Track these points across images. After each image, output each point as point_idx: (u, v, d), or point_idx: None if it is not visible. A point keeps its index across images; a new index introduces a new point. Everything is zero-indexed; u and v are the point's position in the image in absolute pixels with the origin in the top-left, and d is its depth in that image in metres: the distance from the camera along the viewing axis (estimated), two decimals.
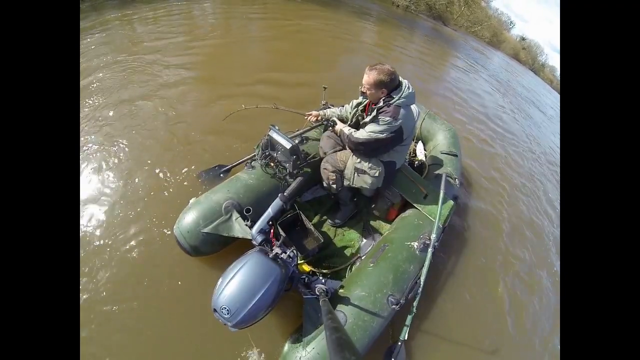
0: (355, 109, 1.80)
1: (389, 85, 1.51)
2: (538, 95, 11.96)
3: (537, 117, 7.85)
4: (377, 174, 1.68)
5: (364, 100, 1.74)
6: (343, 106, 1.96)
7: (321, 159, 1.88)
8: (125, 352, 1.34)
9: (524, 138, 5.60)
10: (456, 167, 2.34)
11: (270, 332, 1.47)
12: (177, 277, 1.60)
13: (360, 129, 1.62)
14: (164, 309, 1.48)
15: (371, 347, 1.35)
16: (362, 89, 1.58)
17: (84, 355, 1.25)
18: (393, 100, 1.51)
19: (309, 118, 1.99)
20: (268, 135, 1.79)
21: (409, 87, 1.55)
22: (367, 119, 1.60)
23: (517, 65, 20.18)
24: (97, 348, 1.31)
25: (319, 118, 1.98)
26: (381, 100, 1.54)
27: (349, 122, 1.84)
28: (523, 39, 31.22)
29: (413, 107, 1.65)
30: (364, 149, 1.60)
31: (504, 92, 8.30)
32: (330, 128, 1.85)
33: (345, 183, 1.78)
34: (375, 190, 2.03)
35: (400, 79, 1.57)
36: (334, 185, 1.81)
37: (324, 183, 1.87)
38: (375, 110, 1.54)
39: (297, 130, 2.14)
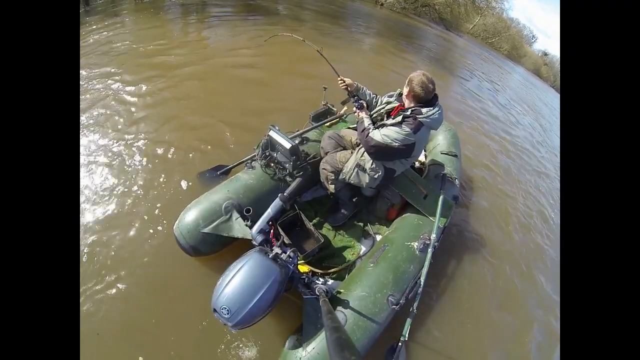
0: (382, 107, 1.74)
1: (419, 93, 1.50)
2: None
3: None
4: (376, 177, 1.68)
5: (394, 102, 1.70)
6: (376, 95, 1.85)
7: (321, 159, 1.88)
8: (124, 352, 1.33)
9: (527, 137, 5.61)
10: (456, 167, 2.34)
11: (270, 332, 1.47)
12: (177, 277, 1.60)
13: (377, 129, 1.58)
14: (164, 309, 1.48)
15: (371, 347, 1.35)
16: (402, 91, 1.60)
17: (83, 355, 1.25)
18: (420, 116, 1.49)
19: (341, 84, 1.76)
20: (268, 135, 1.79)
21: (440, 113, 1.54)
22: (389, 122, 1.57)
23: (539, 82, 18.75)
24: (96, 348, 1.31)
25: (350, 89, 1.76)
26: (409, 109, 1.52)
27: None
28: (545, 54, 29.73)
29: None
30: (374, 151, 1.58)
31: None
32: (355, 108, 1.73)
33: (341, 177, 1.77)
34: (375, 190, 2.04)
35: (438, 102, 1.56)
36: (332, 186, 1.81)
37: (322, 183, 1.87)
38: (401, 117, 1.51)
39: (297, 131, 2.14)
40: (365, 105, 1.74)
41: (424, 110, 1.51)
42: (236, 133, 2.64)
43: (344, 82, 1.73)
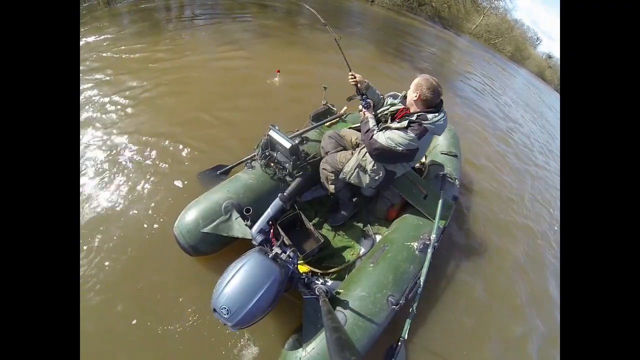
0: (387, 107, 1.72)
1: (429, 97, 1.50)
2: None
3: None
4: (376, 178, 1.67)
5: (399, 104, 1.69)
6: (384, 96, 1.84)
7: (321, 159, 1.88)
8: (124, 352, 1.33)
9: (528, 138, 5.61)
10: (456, 167, 2.34)
11: (270, 332, 1.47)
12: (177, 277, 1.60)
13: (381, 132, 1.56)
14: (163, 309, 1.48)
15: (371, 347, 1.35)
16: (408, 94, 1.59)
17: (83, 355, 1.25)
18: (426, 122, 1.48)
19: (351, 79, 1.70)
20: (268, 135, 1.79)
21: (445, 119, 1.53)
22: (394, 125, 1.55)
23: (542, 85, 18.52)
24: (96, 347, 1.31)
25: (359, 86, 1.70)
26: (415, 114, 1.51)
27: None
28: (550, 56, 29.48)
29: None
30: (377, 154, 1.56)
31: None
32: (361, 107, 1.69)
33: (341, 176, 1.76)
34: (375, 190, 2.04)
35: (443, 108, 1.56)
36: (332, 186, 1.81)
37: (322, 183, 1.87)
38: (407, 122, 1.50)
39: (297, 130, 2.14)
40: (372, 104, 1.70)
41: (429, 116, 1.49)
42: (235, 133, 2.63)
43: (355, 77, 1.67)
